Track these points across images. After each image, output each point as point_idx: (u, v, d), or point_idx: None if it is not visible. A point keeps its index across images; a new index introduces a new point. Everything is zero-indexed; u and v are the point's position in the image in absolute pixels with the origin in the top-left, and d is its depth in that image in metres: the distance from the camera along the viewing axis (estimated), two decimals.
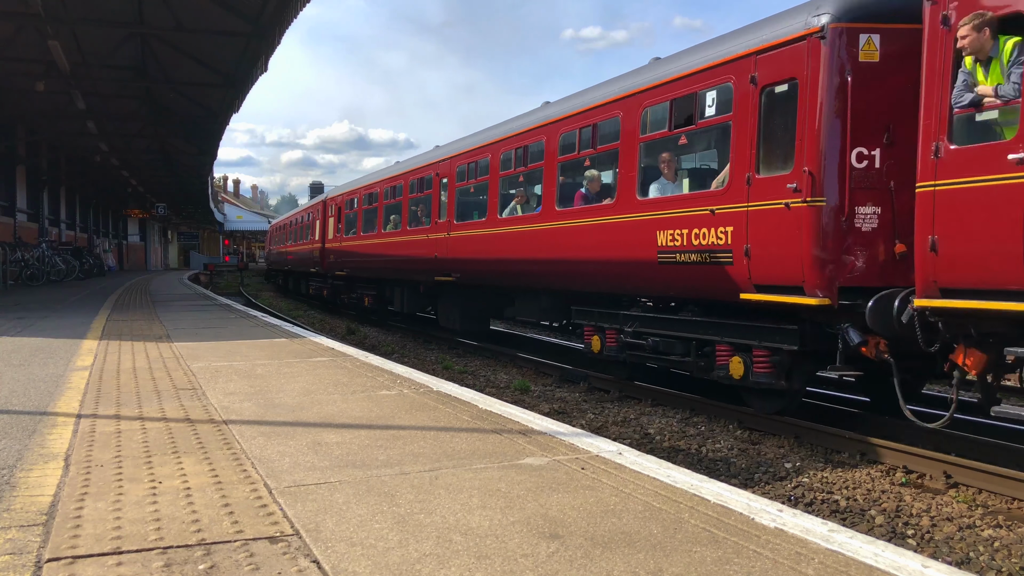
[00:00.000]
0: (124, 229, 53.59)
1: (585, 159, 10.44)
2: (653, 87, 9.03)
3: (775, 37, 7.48)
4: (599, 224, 9.86)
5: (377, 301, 20.00)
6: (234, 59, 17.39)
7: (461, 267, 14.12)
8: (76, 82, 18.79)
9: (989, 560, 4.86)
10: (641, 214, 9.09)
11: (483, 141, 13.62)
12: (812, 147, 6.99)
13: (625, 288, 9.70)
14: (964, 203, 5.76)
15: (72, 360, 7.53)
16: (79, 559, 2.57)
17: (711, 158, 9.09)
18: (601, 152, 10.10)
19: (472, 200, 14.35)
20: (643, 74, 9.49)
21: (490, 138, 13.33)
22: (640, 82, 9.33)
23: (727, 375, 8.07)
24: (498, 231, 12.72)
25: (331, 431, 4.47)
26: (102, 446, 4.12)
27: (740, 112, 7.75)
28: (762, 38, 7.65)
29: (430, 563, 2.54)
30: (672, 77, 8.73)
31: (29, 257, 25.64)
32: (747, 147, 7.65)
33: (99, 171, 35.46)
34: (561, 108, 11.21)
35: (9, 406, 5.23)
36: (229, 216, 79.10)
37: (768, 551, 2.67)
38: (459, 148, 14.76)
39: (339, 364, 7.43)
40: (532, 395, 10.31)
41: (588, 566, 2.53)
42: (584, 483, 3.49)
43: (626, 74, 10.02)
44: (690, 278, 8.38)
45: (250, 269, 60.35)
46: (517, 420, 4.87)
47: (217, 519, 2.97)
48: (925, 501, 5.95)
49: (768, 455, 7.26)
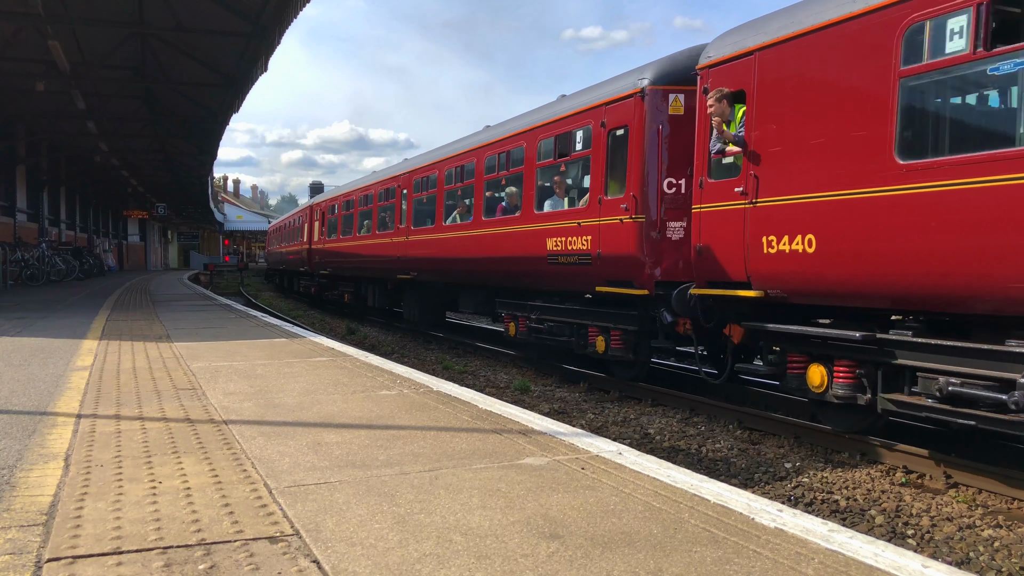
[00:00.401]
0: (124, 229, 53.61)
1: (502, 178, 12.86)
2: (544, 124, 11.38)
3: (616, 92, 9.73)
4: (511, 232, 12.15)
5: (355, 298, 22.34)
6: (234, 59, 17.40)
7: (417, 266, 16.42)
8: (76, 82, 18.79)
9: (989, 560, 4.86)
10: (537, 225, 11.34)
11: (433, 159, 16.10)
12: (637, 177, 9.24)
13: (530, 284, 12.00)
14: (714, 221, 7.94)
15: (72, 360, 7.53)
16: (79, 559, 2.57)
17: (583, 182, 10.85)
18: (512, 173, 12.38)
19: (425, 209, 16.34)
20: (540, 112, 11.89)
21: (437, 157, 15.80)
22: (537, 119, 11.75)
23: (595, 351, 10.35)
24: (443, 236, 14.98)
25: (331, 431, 4.47)
26: (102, 446, 4.12)
27: (596, 148, 10.03)
28: (609, 92, 9.94)
29: (430, 563, 2.54)
30: (556, 117, 11.03)
31: (29, 257, 25.64)
32: (600, 175, 9.94)
33: (99, 171, 35.47)
34: (486, 136, 13.62)
35: (9, 406, 5.23)
36: (229, 216, 79.10)
37: (768, 551, 2.67)
38: (415, 164, 17.28)
39: (339, 364, 7.43)
40: (532, 395, 10.31)
41: (588, 566, 2.53)
42: (584, 483, 3.49)
43: (531, 111, 12.50)
44: (568, 275, 10.67)
45: (250, 269, 60.37)
46: (517, 420, 4.87)
47: (217, 519, 2.97)
48: (925, 501, 5.95)
49: (768, 455, 7.26)
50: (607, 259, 9.71)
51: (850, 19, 6.59)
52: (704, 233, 8.11)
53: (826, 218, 6.70)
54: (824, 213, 6.72)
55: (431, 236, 15.59)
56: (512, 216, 12.17)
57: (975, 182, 5.60)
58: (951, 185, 5.74)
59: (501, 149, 12.75)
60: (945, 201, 5.78)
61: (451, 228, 14.63)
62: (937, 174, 5.83)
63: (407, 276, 16.94)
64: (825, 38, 6.84)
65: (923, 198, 5.90)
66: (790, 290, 7.24)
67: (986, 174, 5.54)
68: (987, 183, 5.52)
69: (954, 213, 5.71)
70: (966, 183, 5.65)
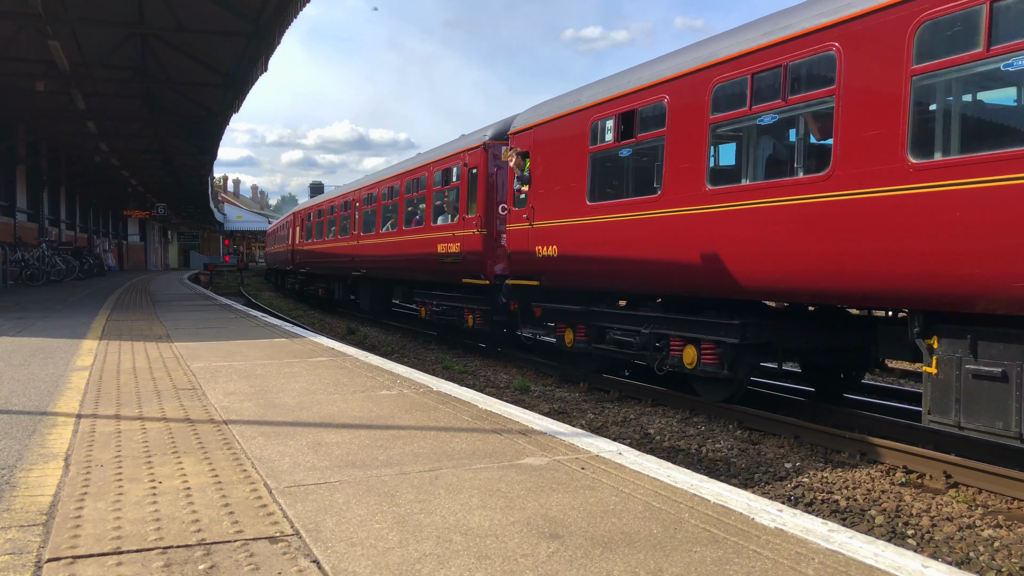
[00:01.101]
0: (124, 229, 53.60)
1: (415, 197, 17.04)
2: (437, 160, 15.87)
3: (471, 143, 14.12)
4: (419, 239, 16.40)
5: (326, 292, 26.59)
6: (234, 59, 17.40)
7: (365, 264, 20.57)
8: (76, 82, 18.79)
9: (989, 560, 4.86)
10: (433, 234, 15.62)
11: (375, 180, 20.64)
12: (482, 202, 13.50)
13: (430, 278, 16.18)
14: (515, 235, 12.01)
15: (72, 360, 7.54)
16: (79, 559, 2.57)
17: (457, 204, 14.80)
18: (420, 194, 16.67)
19: (370, 219, 20.64)
20: (437, 151, 16.41)
21: (378, 179, 20.35)
22: (434, 156, 16.27)
23: (466, 326, 14.30)
24: (380, 241, 19.37)
25: (331, 431, 4.47)
26: (102, 446, 4.12)
27: (461, 181, 14.40)
28: (468, 143, 14.38)
29: (430, 563, 2.54)
30: (444, 156, 15.54)
31: (29, 257, 25.63)
32: (463, 200, 14.27)
33: (99, 171, 35.48)
34: (408, 164, 18.24)
35: (9, 406, 5.23)
36: (229, 216, 79.11)
37: (768, 551, 2.67)
38: (364, 183, 21.94)
39: (339, 364, 7.43)
40: (532, 395, 10.31)
41: (588, 566, 2.53)
42: (584, 483, 3.49)
43: (433, 149, 17.11)
44: (449, 271, 14.73)
45: (250, 269, 60.37)
46: (517, 420, 4.87)
47: (217, 519, 2.97)
48: (925, 501, 5.95)
49: (768, 455, 7.26)
50: (467, 259, 13.91)
51: (569, 114, 10.82)
52: (511, 243, 12.20)
53: (561, 235, 10.85)
54: (560, 232, 10.87)
55: (373, 240, 19.99)
56: (419, 227, 16.52)
57: (620, 217, 9.71)
58: (614, 217, 9.79)
59: (415, 175, 17.10)
60: (611, 224, 9.82)
61: (385, 235, 19.10)
62: (607, 209, 9.96)
63: (359, 273, 21.14)
64: (560, 123, 11.03)
65: (602, 225, 9.97)
66: (551, 280, 11.28)
67: (626, 211, 9.65)
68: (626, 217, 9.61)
69: (609, 231, 9.81)
70: (611, 218, 9.83)
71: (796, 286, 7.45)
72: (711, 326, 8.45)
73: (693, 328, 8.73)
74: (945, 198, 5.90)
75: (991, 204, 5.62)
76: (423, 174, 16.36)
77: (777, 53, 7.42)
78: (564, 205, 10.67)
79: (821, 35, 6.96)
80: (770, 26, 7.66)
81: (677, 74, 8.75)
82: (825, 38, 6.92)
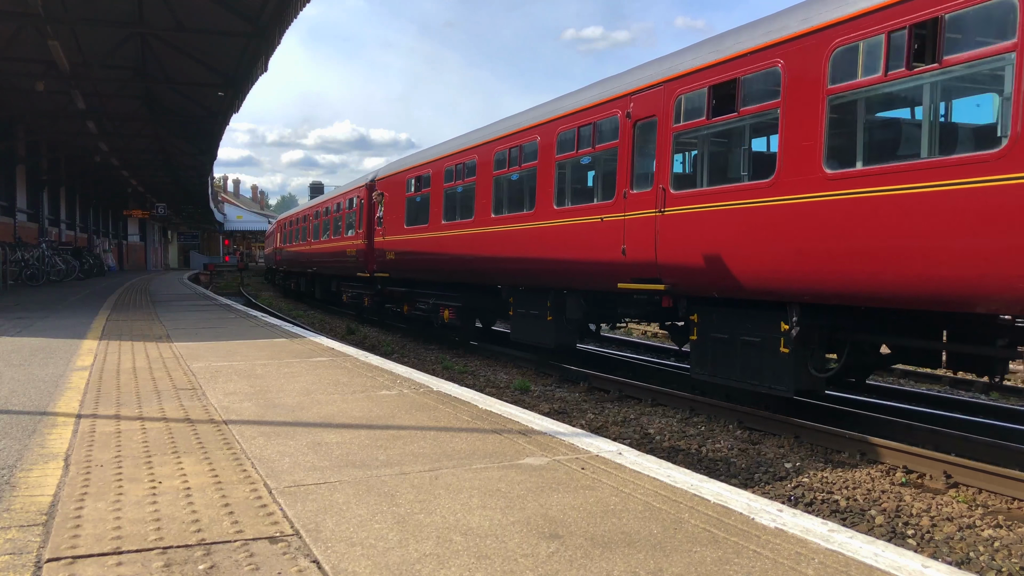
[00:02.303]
0: (124, 229, 53.59)
1: (337, 216, 23.69)
2: (345, 192, 23.17)
3: (361, 183, 21.05)
4: (340, 245, 22.89)
5: (296, 286, 34.02)
6: (234, 59, 17.40)
7: (315, 264, 27.30)
8: (76, 82, 18.80)
9: (989, 560, 4.86)
10: (345, 242, 22.16)
11: (320, 201, 28.45)
12: (365, 222, 19.90)
13: (345, 272, 22.43)
14: (378, 245, 18.67)
15: (72, 360, 7.53)
16: (79, 559, 2.57)
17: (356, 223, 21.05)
18: (338, 215, 23.47)
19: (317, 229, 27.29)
20: (345, 188, 23.98)
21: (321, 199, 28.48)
22: (345, 187, 24.10)
23: (364, 305, 20.93)
24: (321, 245, 26.22)
25: (331, 431, 4.47)
26: (102, 446, 4.12)
27: (356, 208, 20.93)
28: (360, 183, 21.30)
29: (430, 563, 2.54)
30: (349, 190, 22.57)
31: (29, 257, 25.63)
32: (356, 220, 20.89)
33: (99, 171, 35.48)
34: (336, 192, 25.76)
35: (9, 406, 5.23)
36: (229, 216, 79.14)
37: (768, 551, 2.67)
38: (314, 202, 29.77)
39: (339, 364, 7.43)
40: (532, 395, 10.31)
41: (588, 566, 2.53)
42: (584, 483, 3.49)
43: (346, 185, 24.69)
44: (351, 267, 21.26)
45: (250, 269, 60.37)
46: (517, 420, 4.87)
47: (217, 519, 2.97)
48: (925, 501, 5.95)
49: (768, 455, 7.26)
50: (358, 259, 20.35)
51: (397, 173, 17.88)
52: (378, 249, 18.61)
53: (395, 246, 17.31)
54: (395, 244, 17.31)
55: (318, 246, 26.62)
56: (337, 237, 23.48)
57: (420, 236, 16.03)
58: (416, 236, 16.17)
59: (338, 200, 23.93)
60: (416, 240, 16.09)
61: (323, 241, 25.82)
62: (414, 231, 16.24)
63: (312, 270, 28.37)
64: (394, 178, 17.79)
65: (413, 240, 16.20)
66: (395, 274, 17.81)
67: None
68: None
69: (416, 244, 16.23)
70: (416, 236, 16.31)
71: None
72: (452, 298, 15.11)
73: (448, 300, 15.18)
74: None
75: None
76: (341, 200, 23.55)
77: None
78: (396, 227, 17.47)
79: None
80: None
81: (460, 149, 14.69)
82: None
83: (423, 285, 16.65)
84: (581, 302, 11.03)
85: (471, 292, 14.61)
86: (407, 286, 17.52)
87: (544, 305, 11.71)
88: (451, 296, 15.07)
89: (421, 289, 16.74)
